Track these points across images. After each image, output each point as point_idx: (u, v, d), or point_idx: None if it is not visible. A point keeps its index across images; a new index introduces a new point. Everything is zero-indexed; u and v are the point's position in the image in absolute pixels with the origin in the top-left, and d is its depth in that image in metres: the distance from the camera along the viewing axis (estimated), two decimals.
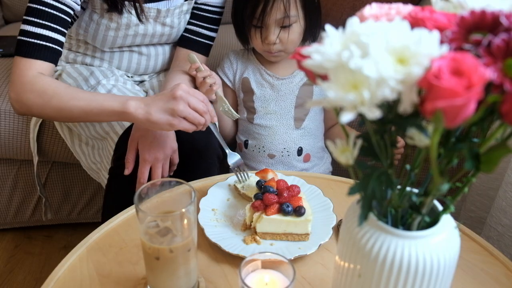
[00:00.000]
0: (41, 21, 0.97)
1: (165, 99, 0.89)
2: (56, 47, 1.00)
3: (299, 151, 1.20)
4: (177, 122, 0.89)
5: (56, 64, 1.02)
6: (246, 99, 1.23)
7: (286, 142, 1.20)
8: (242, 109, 1.24)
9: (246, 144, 1.23)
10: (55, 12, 0.98)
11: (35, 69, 0.97)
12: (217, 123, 1.10)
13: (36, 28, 0.97)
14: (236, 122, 1.27)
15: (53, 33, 0.99)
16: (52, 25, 0.98)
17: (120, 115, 0.92)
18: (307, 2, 1.10)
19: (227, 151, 1.00)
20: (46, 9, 0.98)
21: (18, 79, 0.97)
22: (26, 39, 0.97)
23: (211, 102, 1.18)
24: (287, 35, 1.10)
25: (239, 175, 0.93)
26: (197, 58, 1.15)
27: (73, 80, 1.16)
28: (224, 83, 1.24)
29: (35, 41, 0.97)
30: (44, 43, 0.98)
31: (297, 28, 1.11)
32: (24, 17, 0.99)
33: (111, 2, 1.05)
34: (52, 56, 0.99)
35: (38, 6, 0.97)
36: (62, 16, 1.00)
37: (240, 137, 1.26)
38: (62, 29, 1.01)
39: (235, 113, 1.12)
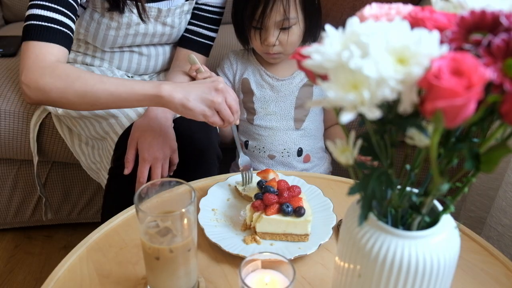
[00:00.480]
0: (52, 5, 0.94)
1: (206, 89, 0.88)
2: (69, 32, 0.96)
3: (299, 152, 1.20)
4: (210, 114, 0.88)
5: (69, 52, 0.98)
6: (246, 100, 1.23)
7: (286, 143, 1.20)
8: (242, 110, 1.24)
9: (246, 144, 1.24)
10: None
11: (54, 54, 0.92)
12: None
13: (49, 12, 0.93)
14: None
15: (65, 18, 0.95)
16: (63, 9, 0.95)
17: (153, 99, 0.89)
18: (307, 4, 1.10)
19: (240, 153, 1.01)
20: None
21: (35, 63, 0.91)
22: (38, 22, 0.93)
23: None
24: (286, 37, 1.10)
25: (244, 176, 0.93)
26: (197, 58, 1.15)
27: None
28: None
29: (50, 24, 0.93)
30: (58, 27, 0.94)
31: (296, 30, 1.11)
32: (30, 2, 0.95)
33: (112, 1, 1.05)
34: (67, 41, 0.95)
35: None
36: (71, 1, 0.97)
37: (240, 137, 1.26)
38: (72, 16, 0.97)
39: None
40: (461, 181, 0.48)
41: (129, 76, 1.26)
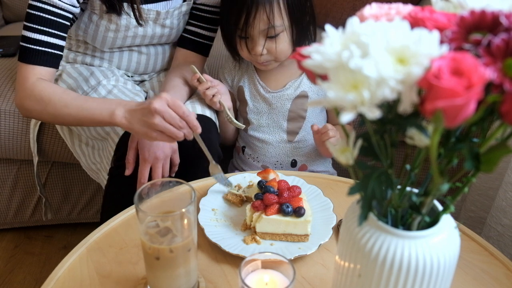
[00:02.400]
0: (40, 27, 0.99)
1: (143, 112, 0.89)
2: (56, 52, 1.02)
3: (293, 163, 1.19)
4: (155, 135, 0.88)
5: (57, 68, 1.05)
6: (241, 109, 1.22)
7: (278, 155, 1.19)
8: (239, 117, 1.23)
9: (243, 149, 1.23)
10: (53, 18, 1.00)
11: (35, 75, 1.00)
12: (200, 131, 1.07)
13: (36, 34, 0.99)
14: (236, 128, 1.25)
15: (53, 38, 1.01)
16: (51, 30, 1.00)
17: (109, 123, 0.95)
18: (294, 10, 1.04)
19: (212, 162, 0.95)
20: (45, 15, 0.99)
21: (19, 85, 1.01)
22: (26, 45, 1.00)
23: (218, 112, 1.18)
24: (274, 45, 1.06)
25: (221, 181, 0.93)
26: (197, 58, 1.14)
27: (73, 80, 1.16)
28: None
29: (35, 47, 1.00)
30: (44, 49, 1.00)
31: (284, 38, 1.06)
32: (24, 23, 1.01)
33: (109, 4, 1.05)
34: (52, 60, 1.02)
35: (37, 13, 0.99)
36: (61, 21, 1.01)
37: (239, 141, 1.26)
38: (62, 34, 1.02)
39: (239, 123, 1.12)
40: (461, 181, 0.48)
41: (128, 76, 1.26)
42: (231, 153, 1.31)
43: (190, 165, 1.08)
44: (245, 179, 0.95)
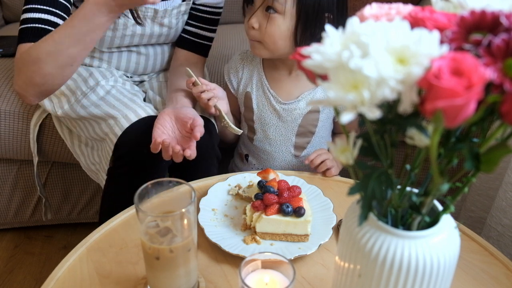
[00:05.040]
0: (40, 6, 0.96)
1: None
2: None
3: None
4: None
5: None
6: (246, 116, 1.16)
7: (283, 168, 1.15)
8: (243, 124, 1.18)
9: (246, 157, 1.20)
10: None
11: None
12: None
13: (36, 14, 0.96)
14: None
15: (54, 17, 0.97)
16: (51, 9, 0.97)
17: (95, 14, 0.89)
18: (307, 7, 0.96)
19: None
20: None
21: (15, 65, 0.96)
22: (26, 25, 0.96)
23: (215, 117, 1.14)
24: (265, 23, 0.97)
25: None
26: (196, 59, 1.13)
27: (72, 81, 1.16)
28: (227, 88, 1.17)
29: (35, 25, 0.96)
30: (44, 26, 0.96)
31: (280, 21, 0.97)
32: (24, 7, 0.98)
33: None
34: None
35: None
36: (61, 0, 0.99)
37: (242, 148, 1.22)
38: (63, 14, 0.99)
39: (237, 128, 1.07)
40: (461, 181, 0.48)
41: (128, 76, 1.25)
42: (231, 153, 1.31)
43: (189, 165, 1.08)
44: (245, 179, 0.95)
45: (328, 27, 0.43)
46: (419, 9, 0.45)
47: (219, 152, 1.13)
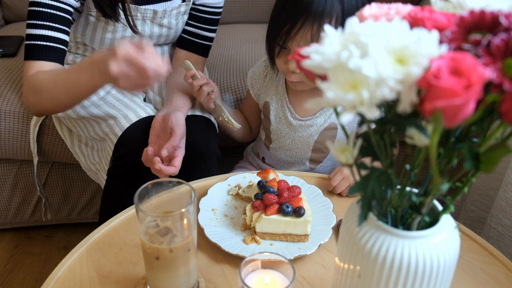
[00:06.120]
0: (42, 22, 0.98)
1: (109, 63, 0.79)
2: (60, 46, 1.00)
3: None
4: (121, 83, 0.81)
5: (62, 63, 1.02)
6: (264, 124, 1.15)
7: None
8: (262, 131, 1.17)
9: (263, 159, 1.19)
10: (55, 12, 0.99)
11: (36, 69, 0.98)
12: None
13: (38, 30, 0.98)
14: (241, 130, 1.17)
15: (56, 32, 0.99)
16: (53, 24, 0.99)
17: (96, 87, 0.90)
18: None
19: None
20: (45, 9, 0.98)
21: (23, 84, 1.01)
22: (29, 42, 0.99)
23: (210, 111, 1.13)
24: None
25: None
26: (197, 59, 1.13)
27: None
28: (248, 91, 1.17)
29: (38, 42, 0.98)
30: (46, 43, 0.99)
31: None
32: (27, 22, 1.00)
33: (103, 13, 1.05)
34: (56, 55, 1.00)
35: (37, 8, 0.98)
36: (62, 14, 1.00)
37: (259, 150, 1.20)
38: (64, 28, 1.01)
39: (235, 123, 1.07)
40: (461, 181, 0.48)
41: None
42: (232, 154, 1.30)
43: (189, 165, 1.08)
44: (245, 179, 0.95)
45: (328, 27, 0.43)
46: (418, 9, 0.45)
47: (219, 152, 1.13)
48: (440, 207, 0.51)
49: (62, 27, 1.00)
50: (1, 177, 1.46)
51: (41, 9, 0.98)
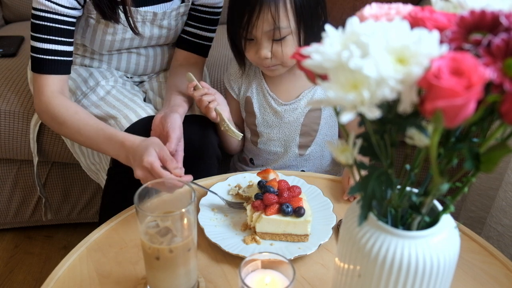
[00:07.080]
0: (46, 37, 1.01)
1: (135, 166, 0.87)
2: (66, 58, 1.04)
3: (301, 171, 1.17)
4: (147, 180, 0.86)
5: (69, 73, 1.07)
6: (248, 121, 1.16)
7: (288, 166, 1.16)
8: (246, 129, 1.18)
9: (251, 161, 1.20)
10: (58, 26, 1.01)
11: (49, 86, 1.03)
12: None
13: (43, 44, 1.01)
14: (242, 138, 1.16)
15: (60, 45, 1.02)
16: (58, 38, 1.02)
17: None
18: (303, 12, 0.96)
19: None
20: (49, 24, 1.00)
21: (36, 96, 1.05)
22: (37, 55, 1.02)
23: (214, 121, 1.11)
24: (280, 49, 0.98)
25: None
26: (196, 59, 1.12)
27: (72, 82, 1.16)
28: (229, 94, 1.17)
29: (45, 56, 1.02)
30: (53, 57, 1.02)
31: (291, 41, 0.98)
32: (31, 33, 1.02)
33: (103, 15, 1.05)
34: (63, 68, 1.04)
35: (41, 22, 1.00)
36: (66, 27, 1.02)
37: (246, 153, 1.21)
38: (68, 40, 1.04)
39: (238, 132, 1.05)
40: (461, 181, 0.48)
41: (128, 77, 1.25)
42: (232, 154, 1.30)
43: (189, 165, 1.08)
44: (245, 179, 0.95)
45: (328, 27, 0.43)
46: (418, 9, 0.45)
47: (219, 152, 1.13)
48: (440, 207, 0.51)
49: (67, 39, 1.03)
50: (1, 177, 1.46)
51: (44, 23, 1.00)
